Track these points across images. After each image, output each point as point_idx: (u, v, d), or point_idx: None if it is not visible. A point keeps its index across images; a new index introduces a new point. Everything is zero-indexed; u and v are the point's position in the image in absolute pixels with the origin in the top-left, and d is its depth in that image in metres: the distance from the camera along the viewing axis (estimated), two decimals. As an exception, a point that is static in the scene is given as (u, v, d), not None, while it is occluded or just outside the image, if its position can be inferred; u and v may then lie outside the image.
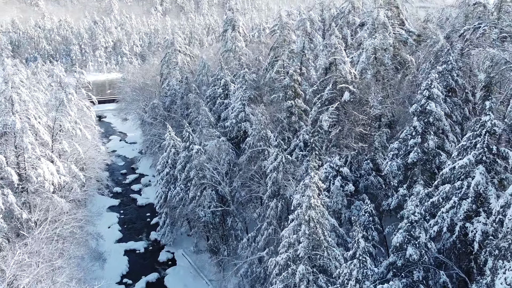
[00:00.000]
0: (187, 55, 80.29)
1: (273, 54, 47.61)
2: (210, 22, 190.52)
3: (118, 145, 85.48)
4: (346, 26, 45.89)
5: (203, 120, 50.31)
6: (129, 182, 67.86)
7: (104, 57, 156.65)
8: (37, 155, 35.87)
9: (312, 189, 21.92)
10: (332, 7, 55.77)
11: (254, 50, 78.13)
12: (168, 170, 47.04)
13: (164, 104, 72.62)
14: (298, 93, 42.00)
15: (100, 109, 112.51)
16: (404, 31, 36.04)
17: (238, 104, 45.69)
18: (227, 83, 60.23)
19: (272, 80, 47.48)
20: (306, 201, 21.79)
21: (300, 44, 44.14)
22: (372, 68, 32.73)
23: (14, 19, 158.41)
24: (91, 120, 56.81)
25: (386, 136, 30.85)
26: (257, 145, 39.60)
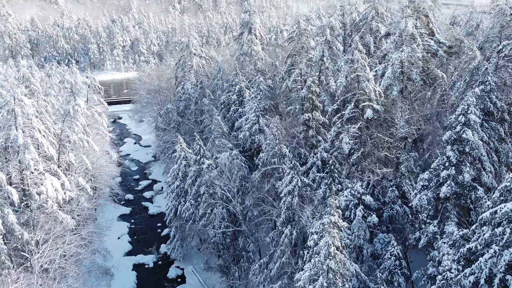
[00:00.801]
0: (202, 57, 77.89)
1: (290, 62, 44.70)
2: (227, 20, 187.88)
3: (132, 149, 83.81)
4: (369, 33, 42.63)
5: (215, 130, 47.79)
6: (141, 188, 65.99)
7: (121, 56, 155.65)
8: (40, 170, 33.89)
9: (332, 235, 19.12)
10: (354, 11, 52.39)
11: (271, 53, 75.24)
12: (178, 183, 44.77)
13: (178, 109, 70.51)
14: (316, 106, 39.02)
15: (116, 109, 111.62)
16: (434, 42, 32.74)
17: (252, 115, 43.01)
18: (242, 90, 57.75)
19: (289, 90, 44.62)
20: (324, 249, 19.03)
21: (319, 53, 41.13)
22: (399, 83, 29.62)
23: (34, 18, 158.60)
24: (103, 127, 54.92)
25: (414, 160, 27.76)
26: (271, 162, 36.92)
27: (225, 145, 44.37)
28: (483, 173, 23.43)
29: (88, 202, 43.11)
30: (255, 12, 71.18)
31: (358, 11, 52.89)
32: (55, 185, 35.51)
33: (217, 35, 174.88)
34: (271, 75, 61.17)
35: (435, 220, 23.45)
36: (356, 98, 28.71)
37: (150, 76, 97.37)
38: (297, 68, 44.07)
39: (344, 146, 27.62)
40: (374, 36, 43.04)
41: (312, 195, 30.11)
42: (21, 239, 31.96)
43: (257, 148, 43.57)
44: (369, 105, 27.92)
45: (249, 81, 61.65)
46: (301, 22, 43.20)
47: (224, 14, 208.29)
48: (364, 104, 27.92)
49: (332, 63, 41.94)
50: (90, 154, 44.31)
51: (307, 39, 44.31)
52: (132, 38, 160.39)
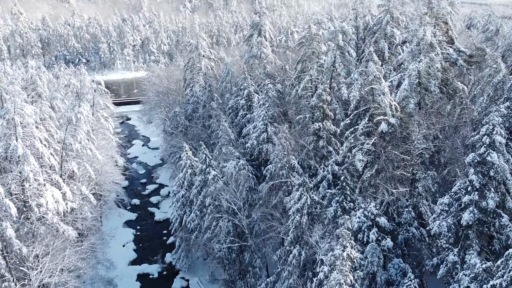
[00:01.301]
0: (211, 59, 76.40)
1: (300, 68, 42.92)
2: (238, 19, 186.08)
3: (140, 151, 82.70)
4: (384, 38, 40.62)
5: (223, 137, 46.31)
6: (148, 193, 64.74)
7: (132, 55, 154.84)
8: (40, 182, 32.68)
9: (344, 272, 17.43)
10: (367, 14, 50.31)
11: (280, 55, 73.44)
12: (184, 192, 43.34)
13: (186, 112, 69.16)
14: (327, 115, 37.25)
15: (125, 110, 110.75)
16: (453, 50, 30.73)
17: (260, 123, 41.36)
18: (250, 94, 56.28)
19: (298, 97, 42.86)
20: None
21: (331, 59, 39.31)
22: (416, 96, 27.73)
23: (45, 16, 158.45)
24: (109, 131, 53.73)
25: (432, 179, 25.88)
26: (279, 174, 35.29)
27: (232, 153, 42.84)
28: (508, 198, 21.50)
29: (92, 211, 41.93)
30: (265, 13, 69.40)
31: (372, 14, 50.83)
32: (56, 196, 34.30)
33: (227, 35, 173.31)
34: (280, 79, 59.40)
35: (455, 247, 21.61)
36: (371, 112, 26.88)
37: (159, 77, 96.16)
38: (308, 74, 42.29)
39: (357, 163, 25.87)
40: (389, 42, 41.05)
41: (322, 213, 28.41)
42: (20, 253, 30.79)
43: (264, 157, 41.99)
44: (384, 119, 26.08)
45: (258, 85, 60.02)
46: (312, 27, 41.35)
47: (234, 13, 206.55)
48: (379, 118, 26.07)
49: (345, 69, 40.06)
50: (94, 162, 43.09)
51: (318, 44, 42.50)
52: (142, 37, 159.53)
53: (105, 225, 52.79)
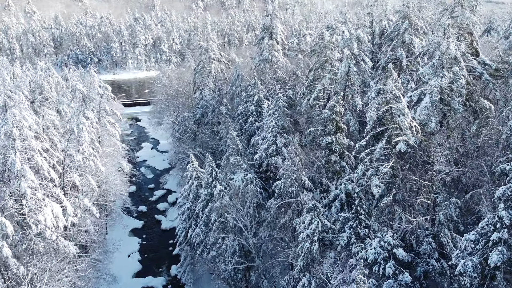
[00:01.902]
0: (221, 62, 74.62)
1: (312, 76, 40.79)
2: (250, 18, 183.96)
3: (149, 154, 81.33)
4: (401, 46, 38.26)
5: (230, 146, 44.42)
6: (156, 199, 63.27)
7: (143, 54, 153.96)
8: (39, 197, 31.23)
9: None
10: (384, 18, 47.87)
11: (292, 59, 71.29)
12: (189, 205, 41.66)
13: (195, 116, 67.54)
14: (340, 127, 35.15)
15: (136, 111, 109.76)
16: (478, 63, 28.36)
17: (269, 135, 39.37)
18: (260, 100, 54.46)
19: (310, 106, 40.78)
20: None
21: (345, 68, 37.09)
22: (437, 114, 25.48)
23: (58, 15, 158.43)
24: (115, 137, 52.27)
25: (454, 207, 23.66)
26: (289, 191, 33.33)
27: (239, 165, 41.01)
28: (542, 235, 19.22)
29: (96, 223, 40.48)
30: (276, 16, 67.21)
31: (388, 18, 48.37)
32: (56, 211, 32.83)
33: (239, 34, 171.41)
34: (292, 84, 57.40)
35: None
36: (389, 134, 24.72)
37: (170, 78, 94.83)
38: (320, 83, 40.16)
39: (373, 189, 23.77)
40: (407, 50, 38.66)
41: (334, 239, 26.37)
42: (17, 273, 29.40)
43: (273, 170, 40.02)
44: (403, 140, 23.90)
45: (268, 90, 58.09)
46: (325, 34, 39.16)
47: (247, 11, 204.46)
48: (398, 139, 23.90)
49: (359, 79, 37.84)
50: (97, 173, 41.59)
51: (332, 51, 40.29)
52: (154, 36, 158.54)
53: (110, 233, 51.48)
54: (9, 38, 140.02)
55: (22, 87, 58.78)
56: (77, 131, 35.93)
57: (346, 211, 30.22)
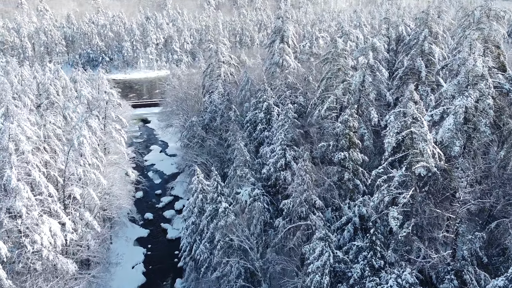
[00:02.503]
0: (231, 65, 72.70)
1: (324, 86, 38.54)
2: (262, 17, 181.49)
3: (157, 158, 79.79)
4: (420, 55, 35.75)
5: (238, 158, 42.47)
6: (163, 206, 61.69)
7: (155, 54, 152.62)
8: (34, 216, 29.67)
9: None
10: (401, 23, 45.30)
11: (304, 62, 68.99)
12: (194, 219, 39.84)
13: (203, 121, 65.81)
14: (353, 143, 32.98)
15: (146, 112, 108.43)
16: (505, 79, 25.91)
17: (278, 148, 37.27)
18: (270, 107, 52.50)
19: (322, 117, 38.56)
20: None
21: (359, 78, 34.81)
22: (462, 136, 23.16)
23: (70, 14, 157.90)
24: (121, 144, 50.70)
25: (479, 241, 21.36)
26: (298, 211, 31.29)
27: (247, 178, 39.07)
28: None
29: (98, 236, 38.93)
30: (288, 18, 64.90)
31: (405, 24, 45.81)
32: (54, 229, 31.27)
33: (251, 33, 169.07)
34: (302, 91, 55.21)
35: None
36: (409, 160, 22.44)
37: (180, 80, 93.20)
38: (332, 93, 37.89)
39: (391, 221, 21.59)
40: (426, 59, 36.17)
41: (347, 270, 24.24)
42: (10, 296, 27.91)
43: (282, 184, 37.96)
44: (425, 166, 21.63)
45: (278, 96, 56.01)
46: (338, 42, 36.85)
47: (259, 10, 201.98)
48: (418, 166, 21.64)
49: (375, 90, 35.50)
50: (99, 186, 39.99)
51: (345, 60, 37.98)
52: (165, 36, 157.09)
53: (115, 243, 49.99)
54: (21, 37, 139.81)
55: (28, 91, 57.60)
56: (77, 143, 34.28)
57: (360, 235, 28.09)
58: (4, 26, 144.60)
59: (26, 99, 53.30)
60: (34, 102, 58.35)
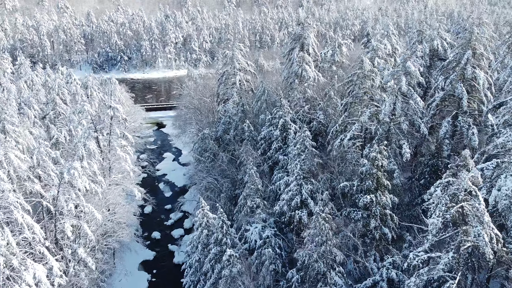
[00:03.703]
0: (248, 72, 68.13)
1: (347, 112, 33.51)
2: (283, 15, 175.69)
3: (169, 167, 75.97)
4: (461, 80, 30.37)
5: (249, 186, 38.05)
6: (171, 223, 57.84)
7: (173, 53, 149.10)
8: (16, 265, 25.92)
9: None
10: (436, 37, 39.73)
11: (325, 71, 63.81)
12: (198, 257, 35.62)
13: (217, 133, 61.52)
14: (382, 184, 28.07)
15: (161, 115, 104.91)
16: None
17: (293, 184, 32.53)
18: (286, 124, 47.95)
19: (344, 148, 33.61)
20: None
21: (390, 107, 29.71)
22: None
23: (90, 11, 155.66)
24: (126, 163, 46.78)
25: None
26: (314, 266, 26.64)
27: (258, 214, 34.60)
28: None
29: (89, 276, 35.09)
30: (309, 24, 59.69)
31: (441, 37, 40.21)
32: (39, 275, 27.46)
33: (271, 32, 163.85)
34: (323, 105, 50.24)
35: None
36: (459, 241, 17.50)
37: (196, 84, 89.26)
38: (357, 120, 32.85)
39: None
40: (468, 84, 30.74)
41: None
42: None
43: (298, 223, 33.29)
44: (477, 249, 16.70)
45: (296, 112, 51.21)
46: (365, 62, 31.72)
47: (280, 7, 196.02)
48: (468, 246, 16.72)
49: (407, 120, 30.34)
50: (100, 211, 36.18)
51: (373, 82, 32.84)
52: (184, 34, 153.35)
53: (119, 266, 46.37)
54: (40, 35, 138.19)
55: (33, 101, 54.35)
56: (67, 177, 30.36)
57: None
58: (24, 23, 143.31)
59: (29, 112, 49.96)
60: (39, 113, 55.11)
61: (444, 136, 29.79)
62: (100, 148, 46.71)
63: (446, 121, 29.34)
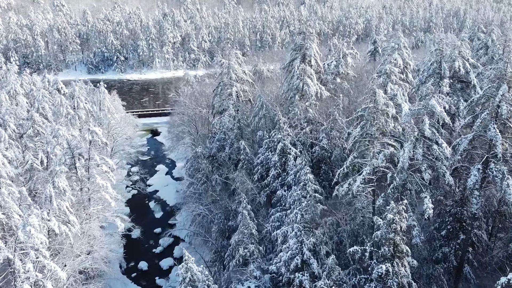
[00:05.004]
0: (245, 82, 62.71)
1: (356, 150, 27.97)
2: (284, 13, 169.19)
3: (162, 182, 70.53)
4: (494, 119, 24.81)
5: (241, 230, 32.74)
6: (161, 251, 52.51)
7: (171, 53, 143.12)
8: None
9: None
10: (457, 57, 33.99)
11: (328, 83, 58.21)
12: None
13: (210, 151, 56.08)
14: (401, 251, 22.67)
15: (156, 121, 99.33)
16: None
17: (292, 240, 27.05)
18: (285, 148, 42.76)
19: (353, 195, 28.11)
20: None
21: (408, 153, 24.18)
22: None
23: (86, 10, 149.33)
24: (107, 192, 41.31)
25: None
26: None
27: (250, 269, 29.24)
28: None
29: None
30: (311, 34, 53.83)
31: (463, 58, 34.51)
32: None
33: (272, 31, 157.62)
34: (326, 127, 44.82)
35: None
36: None
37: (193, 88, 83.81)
38: (369, 163, 27.32)
39: None
40: (502, 124, 25.17)
41: None
42: None
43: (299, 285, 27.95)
44: None
45: (296, 134, 45.74)
46: (378, 95, 26.14)
47: (281, 5, 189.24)
48: None
49: (430, 169, 24.82)
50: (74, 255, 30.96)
51: (387, 118, 27.27)
52: (183, 33, 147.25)
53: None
54: (34, 35, 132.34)
55: (9, 120, 48.87)
56: (22, 235, 25.02)
57: None
58: (17, 23, 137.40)
59: (3, 133, 44.61)
60: (16, 133, 49.72)
61: (473, 186, 24.31)
62: (77, 176, 41.43)
63: (475, 169, 23.92)
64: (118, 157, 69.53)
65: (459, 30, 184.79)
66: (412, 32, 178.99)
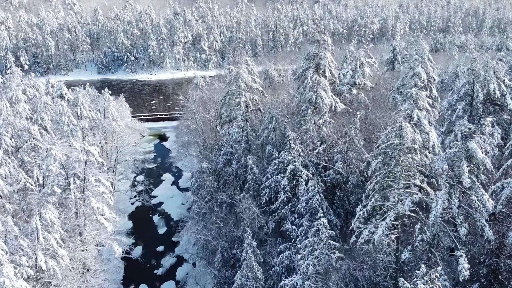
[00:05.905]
0: (255, 91, 58.91)
1: (378, 195, 23.84)
2: (298, 12, 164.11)
3: (167, 194, 67.11)
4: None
5: (245, 272, 29.00)
6: (162, 272, 49.11)
7: (182, 53, 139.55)
8: None
9: None
10: (492, 78, 29.55)
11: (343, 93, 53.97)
12: None
13: (217, 165, 52.36)
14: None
15: (165, 125, 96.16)
16: None
17: None
18: (296, 171, 39.03)
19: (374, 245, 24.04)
20: None
21: (442, 205, 20.02)
22: None
23: (97, 9, 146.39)
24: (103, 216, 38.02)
25: None
26: None
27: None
28: None
29: None
30: (326, 42, 49.59)
31: (499, 79, 30.05)
32: None
33: (285, 30, 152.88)
34: (342, 147, 40.72)
35: None
36: None
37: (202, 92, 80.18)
38: (393, 209, 23.20)
39: None
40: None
41: None
42: None
43: None
44: None
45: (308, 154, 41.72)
46: (405, 129, 21.99)
47: (295, 4, 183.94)
48: None
49: (466, 223, 20.61)
50: None
51: (415, 156, 23.09)
52: (194, 33, 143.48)
53: None
54: (44, 34, 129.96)
55: (4, 133, 45.82)
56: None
57: None
58: (28, 21, 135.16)
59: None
60: (12, 146, 46.64)
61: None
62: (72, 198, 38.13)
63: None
64: (123, 166, 66.54)
65: (478, 31, 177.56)
66: (430, 32, 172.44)
